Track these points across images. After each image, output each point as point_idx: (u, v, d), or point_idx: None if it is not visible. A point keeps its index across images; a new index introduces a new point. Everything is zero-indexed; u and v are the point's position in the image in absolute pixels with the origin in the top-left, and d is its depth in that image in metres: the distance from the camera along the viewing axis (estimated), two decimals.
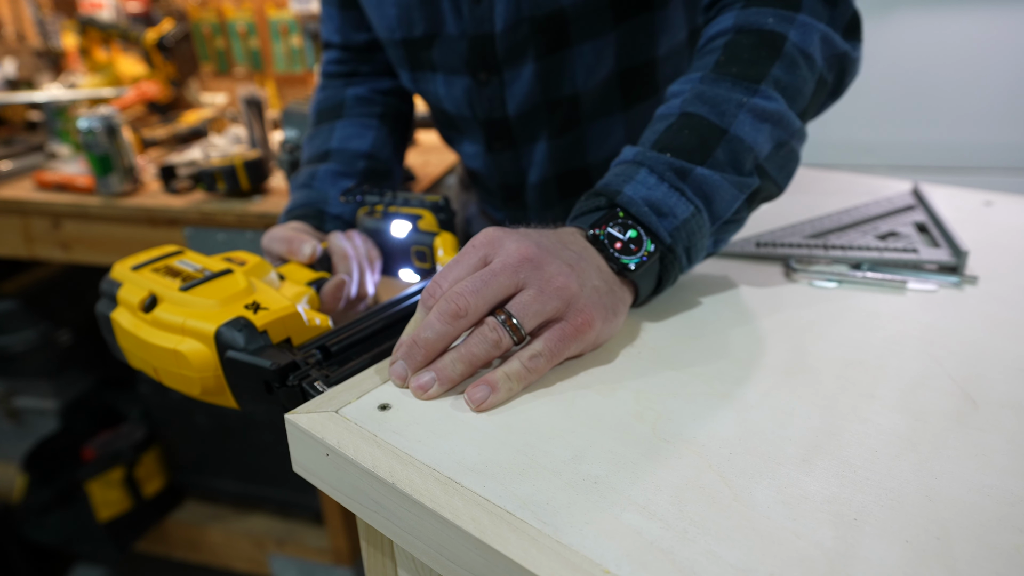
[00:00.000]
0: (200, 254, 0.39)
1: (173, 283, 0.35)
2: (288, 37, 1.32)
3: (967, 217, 0.46)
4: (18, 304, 1.07)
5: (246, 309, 0.33)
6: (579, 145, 0.52)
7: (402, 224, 0.44)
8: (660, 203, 0.33)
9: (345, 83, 0.57)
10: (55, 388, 1.19)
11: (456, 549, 0.22)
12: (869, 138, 1.12)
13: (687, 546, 0.20)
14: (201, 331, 0.32)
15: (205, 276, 0.35)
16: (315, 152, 0.53)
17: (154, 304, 0.35)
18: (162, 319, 0.33)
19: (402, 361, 0.28)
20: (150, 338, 0.33)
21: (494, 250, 0.30)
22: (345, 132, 0.53)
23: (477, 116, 0.51)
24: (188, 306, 0.33)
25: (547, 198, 0.54)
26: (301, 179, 0.51)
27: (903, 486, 0.23)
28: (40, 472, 1.10)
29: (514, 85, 0.49)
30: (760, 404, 0.27)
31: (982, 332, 0.32)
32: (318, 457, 0.26)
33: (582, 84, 0.48)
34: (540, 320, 0.28)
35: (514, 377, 0.27)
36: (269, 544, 1.11)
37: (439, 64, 0.50)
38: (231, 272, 0.35)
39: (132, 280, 0.36)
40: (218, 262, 0.37)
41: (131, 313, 0.35)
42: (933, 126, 1.09)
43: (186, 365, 0.32)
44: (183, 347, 0.32)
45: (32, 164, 1.01)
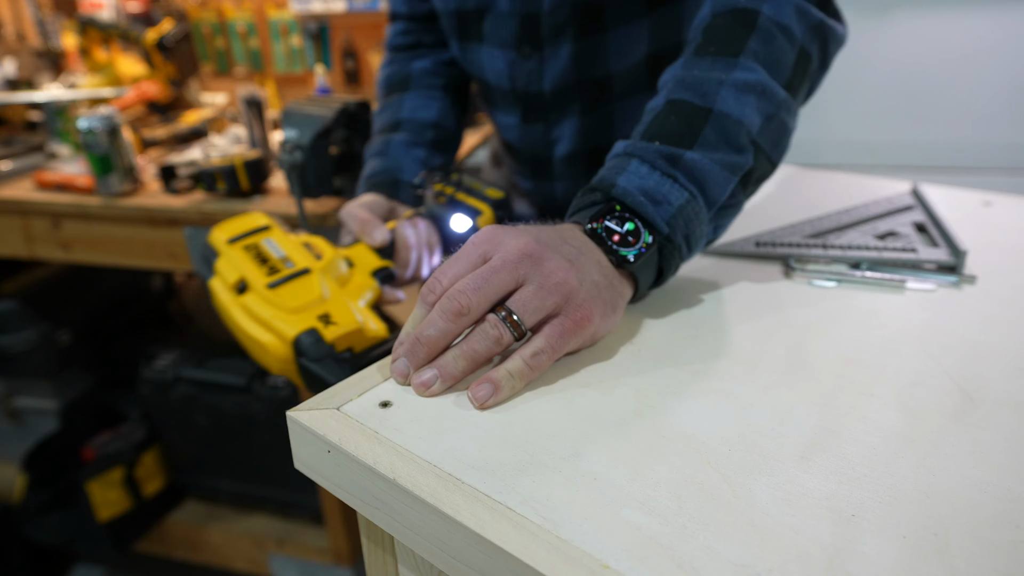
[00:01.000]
0: (283, 231, 0.44)
1: (261, 272, 0.41)
2: (288, 37, 1.33)
3: (966, 217, 0.46)
4: (18, 304, 1.07)
5: (319, 320, 0.38)
6: (607, 123, 0.54)
7: (462, 219, 0.47)
8: (654, 191, 0.33)
9: (411, 56, 0.61)
10: (55, 388, 1.19)
11: (457, 545, 0.22)
12: (868, 138, 1.12)
13: (686, 542, 0.21)
14: (283, 333, 0.38)
15: (287, 275, 0.40)
16: (387, 122, 0.57)
17: (245, 289, 0.41)
18: (251, 309, 0.39)
19: (404, 359, 0.29)
20: (240, 320, 0.40)
21: (494, 247, 0.30)
22: (413, 103, 0.57)
23: (516, 89, 0.54)
24: (273, 305, 0.39)
25: (574, 171, 0.57)
26: (376, 147, 0.56)
27: (901, 483, 0.23)
28: (40, 472, 1.10)
29: (552, 62, 0.51)
30: (759, 402, 0.27)
31: (980, 331, 0.33)
32: (319, 454, 0.26)
33: (614, 66, 0.51)
34: (540, 316, 0.29)
35: (516, 375, 0.28)
36: (269, 544, 1.11)
37: (487, 37, 0.53)
38: (309, 272, 0.41)
39: (227, 256, 0.42)
40: (298, 250, 0.42)
41: (226, 289, 0.41)
42: (932, 126, 1.09)
43: (267, 354, 0.38)
44: (266, 340, 0.38)
45: (32, 164, 1.01)
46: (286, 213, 0.80)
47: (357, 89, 1.35)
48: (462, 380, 0.28)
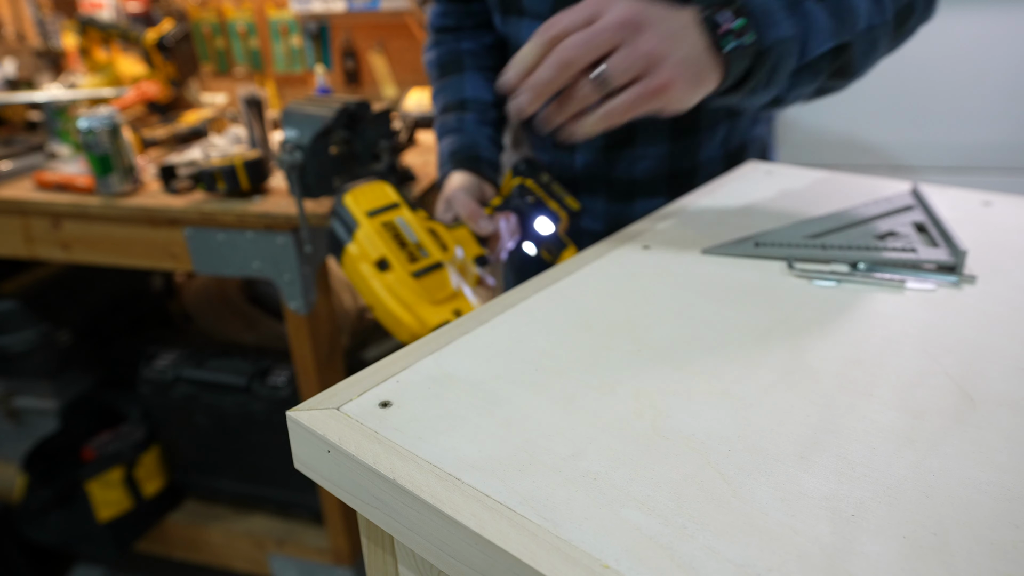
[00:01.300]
0: (411, 213, 0.49)
1: (403, 257, 0.46)
2: (288, 37, 1.33)
3: (966, 217, 0.46)
4: (18, 304, 1.07)
5: (452, 314, 0.45)
6: None
7: (546, 223, 0.54)
8: (774, 13, 0.38)
9: (455, 37, 0.65)
10: (55, 388, 1.19)
11: (457, 545, 0.22)
12: (868, 138, 1.12)
13: (686, 541, 0.21)
14: (425, 320, 0.45)
15: (427, 267, 0.47)
16: (452, 100, 0.62)
17: (385, 267, 0.46)
18: (396, 290, 0.45)
19: (522, 98, 0.36)
20: (382, 295, 0.45)
21: (605, 6, 0.35)
22: (473, 83, 0.62)
23: None
24: (417, 294, 0.45)
25: (593, 143, 0.60)
26: (451, 124, 0.61)
27: (901, 483, 0.23)
28: (40, 472, 1.10)
29: None
30: (759, 402, 0.27)
31: (980, 331, 0.33)
32: (319, 454, 0.26)
33: None
34: (627, 78, 0.34)
35: (592, 124, 0.35)
36: (269, 544, 1.11)
37: (527, 9, 0.56)
38: (442, 267, 0.47)
39: (367, 230, 0.47)
40: (427, 236, 0.48)
41: (367, 263, 0.46)
42: (932, 126, 1.09)
43: (405, 330, 0.45)
44: (409, 321, 0.45)
45: (32, 164, 1.01)
46: (286, 213, 0.80)
47: (357, 89, 1.35)
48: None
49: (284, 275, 0.86)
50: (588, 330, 0.33)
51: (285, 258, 0.85)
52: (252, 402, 1.04)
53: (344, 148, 0.79)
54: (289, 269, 0.85)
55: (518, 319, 0.34)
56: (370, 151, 0.81)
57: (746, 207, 0.49)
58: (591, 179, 0.63)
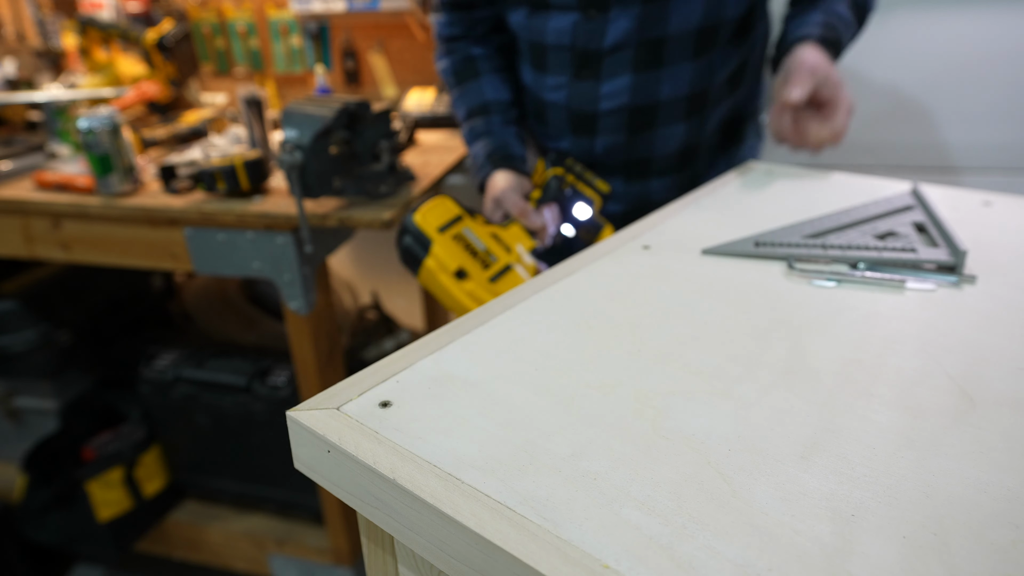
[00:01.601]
0: (473, 222, 0.56)
1: (476, 265, 0.54)
2: (288, 37, 1.33)
3: (966, 217, 0.46)
4: (18, 304, 1.07)
5: None
6: (653, 83, 0.63)
7: (584, 208, 0.61)
8: (846, 42, 0.62)
9: (464, 45, 0.71)
10: (55, 388, 1.19)
11: (457, 545, 0.22)
12: (868, 138, 1.12)
13: (686, 542, 0.21)
14: None
15: (499, 271, 0.54)
16: (475, 105, 0.69)
17: (463, 276, 0.53)
18: (474, 294, 0.52)
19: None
20: (462, 299, 0.52)
21: (837, 90, 0.57)
22: (492, 86, 0.69)
23: (575, 46, 0.63)
24: (494, 294, 0.51)
25: (615, 125, 0.65)
26: (479, 128, 0.68)
27: (901, 482, 0.23)
28: (40, 472, 1.10)
29: (617, 22, 0.60)
30: (759, 402, 0.27)
31: (980, 331, 0.33)
32: (319, 454, 0.26)
33: (672, 29, 0.61)
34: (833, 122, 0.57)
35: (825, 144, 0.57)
36: (269, 544, 1.11)
37: (554, 3, 0.62)
38: (512, 269, 0.55)
39: (441, 244, 0.54)
40: (492, 242, 0.56)
41: (446, 274, 0.53)
42: (932, 126, 1.09)
43: None
44: None
45: (32, 164, 1.01)
46: (287, 213, 0.80)
47: (357, 89, 1.35)
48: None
49: (284, 275, 0.86)
50: (588, 330, 0.33)
51: (285, 258, 0.85)
52: (252, 402, 1.04)
53: (344, 148, 0.79)
54: (289, 269, 0.85)
55: (518, 319, 0.34)
56: (370, 151, 0.81)
57: (746, 207, 0.49)
58: (610, 162, 0.68)
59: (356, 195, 0.83)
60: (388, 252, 1.53)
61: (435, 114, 1.17)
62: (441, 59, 0.72)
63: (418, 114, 1.17)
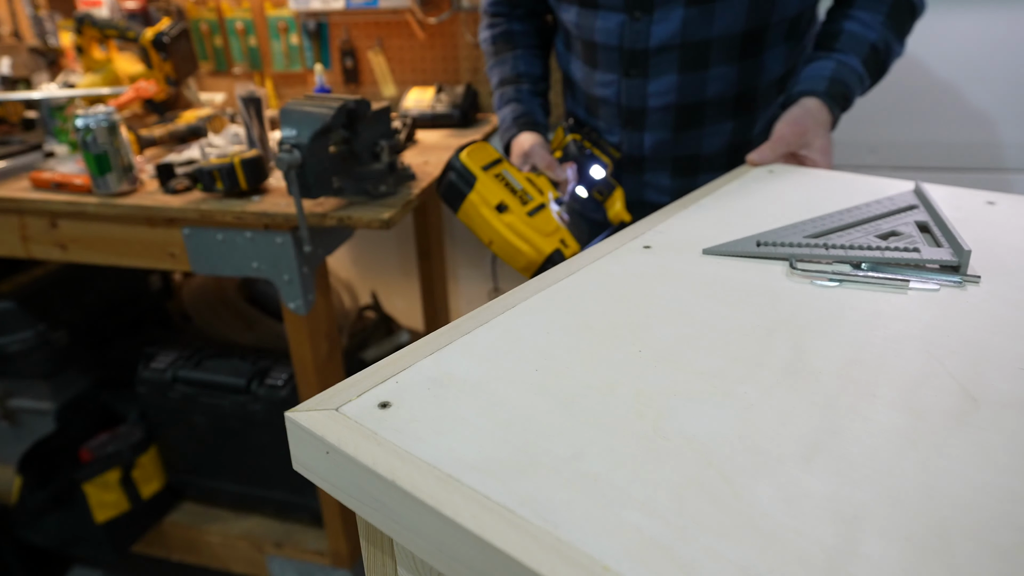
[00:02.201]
0: (511, 166, 0.64)
1: (516, 201, 0.60)
2: (287, 35, 1.32)
3: (969, 216, 0.46)
4: (15, 304, 1.07)
5: (560, 243, 0.60)
6: (699, 83, 0.67)
7: (599, 169, 0.69)
8: (855, 93, 0.64)
9: (507, 19, 0.79)
10: (52, 389, 1.18)
11: (456, 546, 0.22)
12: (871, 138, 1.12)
13: (687, 543, 0.20)
14: (541, 248, 0.59)
15: (536, 207, 0.61)
16: (509, 74, 0.76)
17: (503, 209, 0.60)
18: (514, 226, 0.59)
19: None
20: (502, 230, 0.59)
21: (820, 141, 0.61)
22: (525, 60, 0.76)
23: (623, 46, 0.67)
24: (531, 228, 0.60)
25: (663, 122, 0.70)
26: (510, 94, 0.76)
27: (904, 484, 0.23)
28: (36, 474, 1.09)
29: (662, 24, 0.64)
30: (761, 402, 0.27)
31: (984, 331, 0.32)
32: (318, 455, 0.26)
33: (716, 33, 0.64)
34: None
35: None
36: (267, 546, 1.11)
37: (602, 3, 0.66)
38: (546, 207, 0.62)
39: (483, 181, 0.60)
40: (527, 184, 0.62)
41: (487, 207, 0.60)
42: (935, 126, 1.09)
43: (522, 257, 0.60)
44: (527, 250, 0.59)
45: (29, 163, 1.01)
46: (285, 213, 0.80)
47: (356, 88, 1.34)
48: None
49: (283, 275, 0.86)
50: (589, 330, 0.33)
51: (284, 258, 0.84)
52: (251, 403, 1.03)
53: (343, 147, 0.79)
54: (288, 269, 0.85)
55: (518, 319, 0.34)
56: (370, 150, 0.81)
57: (748, 207, 0.49)
58: (658, 157, 0.72)
59: (355, 194, 0.83)
60: (388, 252, 1.53)
61: (435, 113, 1.17)
62: (483, 31, 0.81)
63: (418, 113, 1.17)
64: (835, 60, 0.62)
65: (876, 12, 0.63)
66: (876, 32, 0.62)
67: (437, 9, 1.23)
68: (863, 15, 0.63)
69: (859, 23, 0.63)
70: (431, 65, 1.29)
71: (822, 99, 0.61)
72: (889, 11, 0.63)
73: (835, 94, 0.61)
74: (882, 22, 0.63)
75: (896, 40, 0.64)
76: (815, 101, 0.61)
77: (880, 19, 0.63)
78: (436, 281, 1.37)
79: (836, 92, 0.61)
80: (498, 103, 0.77)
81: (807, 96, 0.61)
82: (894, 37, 0.64)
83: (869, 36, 0.62)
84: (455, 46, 1.27)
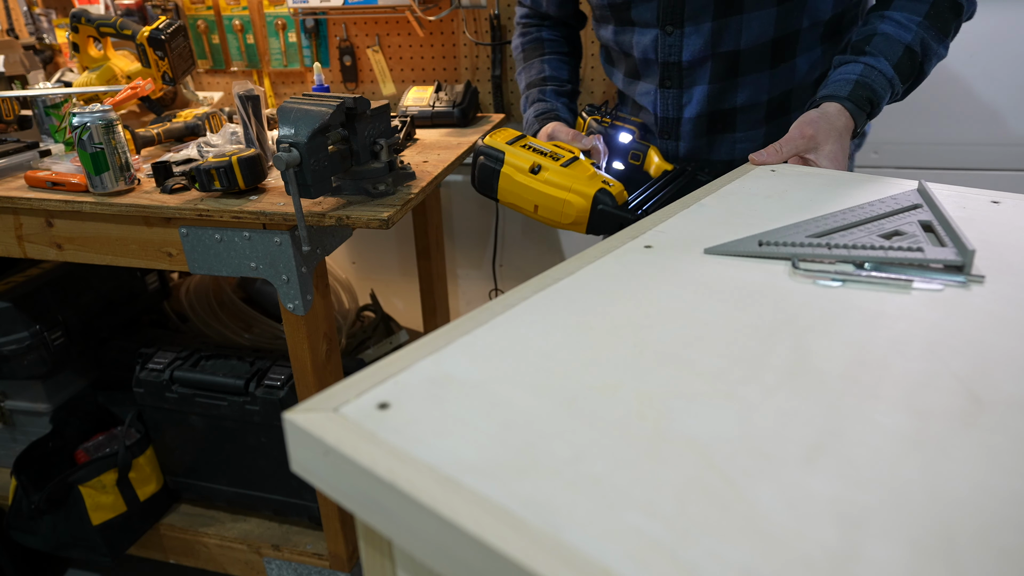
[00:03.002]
0: (535, 139, 0.66)
1: (547, 159, 0.61)
2: (285, 33, 1.32)
3: (974, 216, 0.46)
4: (9, 304, 1.06)
5: (604, 184, 0.60)
6: (731, 92, 0.70)
7: (626, 134, 0.72)
8: (884, 99, 0.63)
9: (538, 29, 0.84)
10: (47, 390, 1.18)
11: (456, 549, 0.22)
12: (874, 137, 1.12)
13: (689, 546, 0.20)
14: (584, 192, 0.59)
15: (569, 159, 0.61)
16: (536, 77, 0.81)
17: (539, 170, 0.60)
18: (552, 180, 0.60)
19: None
20: (542, 188, 0.60)
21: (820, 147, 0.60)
22: (552, 64, 0.81)
23: (658, 59, 0.70)
24: (569, 177, 0.60)
25: (697, 131, 0.73)
26: (534, 96, 0.80)
27: (908, 486, 0.23)
28: (31, 476, 1.08)
29: (692, 38, 0.67)
30: (763, 404, 0.27)
31: (988, 332, 0.32)
32: (316, 456, 0.26)
33: (744, 43, 0.66)
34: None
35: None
36: (265, 549, 1.10)
37: (636, 20, 0.70)
38: (579, 159, 0.62)
39: (513, 154, 0.62)
40: (556, 149, 0.63)
41: (521, 173, 0.61)
42: (939, 125, 1.09)
43: (570, 208, 0.60)
44: (571, 198, 0.59)
45: (24, 162, 1.00)
46: (284, 212, 0.80)
47: (355, 87, 1.34)
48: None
49: (281, 275, 0.85)
50: (589, 331, 0.32)
51: (282, 258, 0.84)
52: (249, 404, 1.03)
53: (342, 146, 0.78)
54: (286, 269, 0.84)
55: (518, 320, 0.34)
56: (368, 149, 0.81)
57: (749, 206, 0.49)
58: (691, 161, 0.74)
59: (354, 194, 0.82)
60: (387, 252, 1.52)
61: (434, 111, 1.17)
62: (515, 39, 0.86)
63: (417, 111, 1.17)
64: (863, 64, 0.61)
65: (914, 12, 0.61)
66: (911, 33, 0.61)
67: (437, 7, 1.22)
68: (899, 16, 0.62)
69: (894, 24, 0.61)
70: (430, 63, 1.29)
71: (843, 104, 0.60)
72: (928, 11, 0.61)
73: (859, 99, 0.60)
74: (919, 23, 0.61)
75: (936, 41, 0.62)
76: (835, 106, 0.60)
77: (917, 20, 0.61)
78: (436, 281, 1.37)
79: (860, 97, 0.60)
80: (524, 106, 0.80)
81: (829, 101, 0.61)
82: (933, 38, 0.62)
83: (904, 38, 0.61)
84: (455, 44, 1.27)
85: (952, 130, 1.09)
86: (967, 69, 1.06)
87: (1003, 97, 1.06)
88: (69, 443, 1.14)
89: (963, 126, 1.09)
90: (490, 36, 1.23)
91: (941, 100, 1.08)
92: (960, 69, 1.06)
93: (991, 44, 1.04)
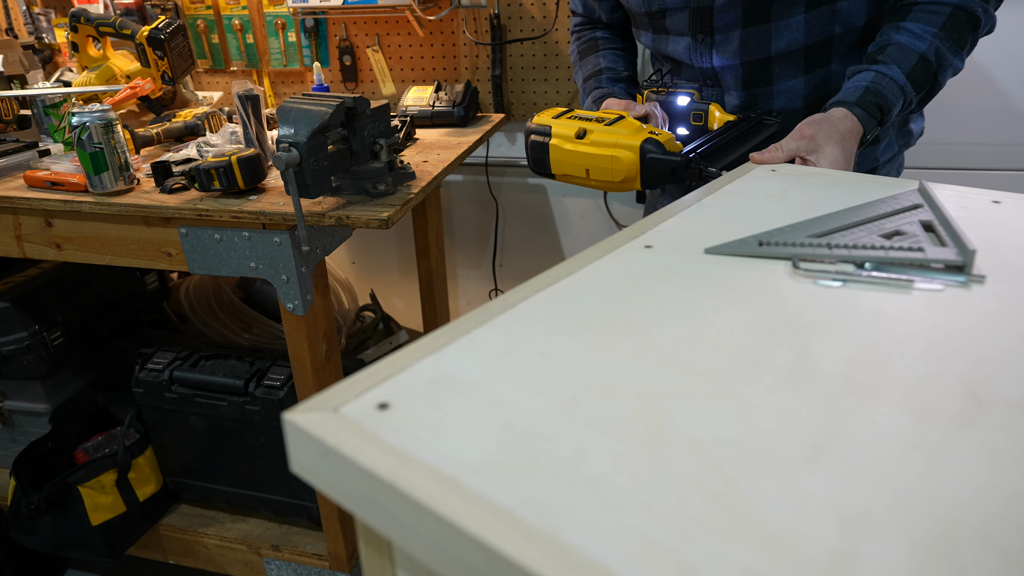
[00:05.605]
0: (580, 110, 0.65)
1: (592, 123, 0.61)
2: (284, 33, 1.32)
3: (974, 216, 0.45)
4: (9, 304, 1.06)
5: (650, 133, 0.59)
6: (766, 97, 0.72)
7: (684, 97, 0.72)
8: (895, 107, 0.63)
9: (591, 30, 0.88)
10: (46, 390, 1.18)
11: (456, 549, 0.22)
12: None
13: (689, 546, 0.20)
14: (630, 144, 0.58)
15: (614, 119, 0.61)
16: (593, 69, 0.84)
17: (584, 135, 0.60)
18: (598, 140, 0.60)
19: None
20: (589, 150, 0.60)
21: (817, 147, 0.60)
22: (606, 58, 0.84)
23: (693, 65, 0.73)
24: (614, 134, 0.59)
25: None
26: (591, 86, 0.82)
27: (908, 486, 0.23)
28: (31, 476, 1.08)
29: (723, 45, 0.69)
30: (763, 404, 0.27)
31: (989, 332, 0.32)
32: (316, 457, 0.26)
33: (775, 50, 0.68)
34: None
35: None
36: (265, 549, 1.10)
37: (671, 29, 0.73)
38: (624, 117, 0.62)
39: (559, 124, 0.62)
40: (600, 114, 0.63)
41: (568, 141, 0.61)
42: (940, 124, 1.09)
43: (619, 164, 0.59)
44: (618, 153, 0.59)
45: (23, 162, 1.00)
46: (283, 212, 0.80)
47: (355, 86, 1.34)
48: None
49: (281, 275, 0.85)
50: (589, 331, 0.32)
51: (282, 258, 0.84)
52: (248, 404, 1.03)
53: (342, 146, 0.78)
54: (286, 269, 0.84)
55: (518, 319, 0.34)
56: (368, 149, 0.81)
57: (750, 206, 0.49)
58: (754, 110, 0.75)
59: (354, 193, 0.82)
60: (387, 252, 1.52)
61: (434, 111, 1.17)
62: (572, 45, 0.90)
63: (417, 111, 1.17)
64: (874, 72, 0.62)
65: (929, 24, 0.62)
66: (926, 43, 0.62)
67: (437, 6, 1.22)
68: (914, 27, 0.62)
69: (908, 34, 0.62)
70: (430, 63, 1.29)
71: (851, 109, 0.61)
72: (944, 23, 0.62)
73: (868, 105, 0.61)
74: (935, 33, 0.62)
75: (951, 52, 0.63)
76: (841, 110, 0.61)
77: (933, 30, 0.62)
78: (435, 281, 1.37)
79: (869, 103, 0.61)
80: (583, 98, 0.83)
81: (837, 106, 0.62)
82: (949, 49, 0.62)
83: (918, 47, 0.62)
84: (455, 44, 1.27)
85: (952, 130, 1.09)
86: (967, 69, 1.06)
87: (1003, 97, 1.06)
88: (68, 443, 1.14)
89: (963, 126, 1.09)
90: (490, 36, 1.23)
91: (941, 100, 1.08)
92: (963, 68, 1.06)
93: (991, 44, 1.04)
